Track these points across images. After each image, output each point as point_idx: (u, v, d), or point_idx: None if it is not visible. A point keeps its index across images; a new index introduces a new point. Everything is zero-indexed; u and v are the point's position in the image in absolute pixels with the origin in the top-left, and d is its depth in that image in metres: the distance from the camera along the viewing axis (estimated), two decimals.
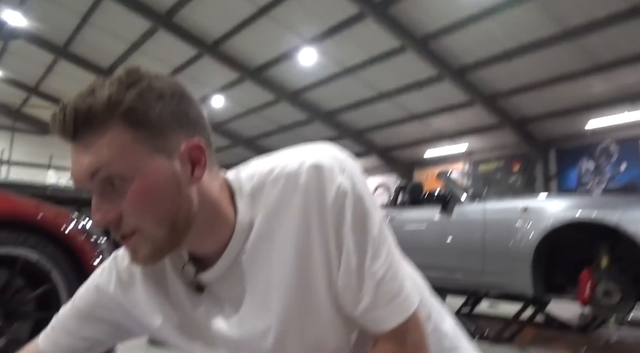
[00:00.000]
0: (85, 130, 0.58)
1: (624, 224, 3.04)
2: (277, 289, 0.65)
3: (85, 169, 0.58)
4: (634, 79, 9.57)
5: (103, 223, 0.59)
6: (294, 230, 0.64)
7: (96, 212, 0.59)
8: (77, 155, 0.59)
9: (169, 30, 11.22)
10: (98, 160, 0.57)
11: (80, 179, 0.59)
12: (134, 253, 0.63)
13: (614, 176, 11.31)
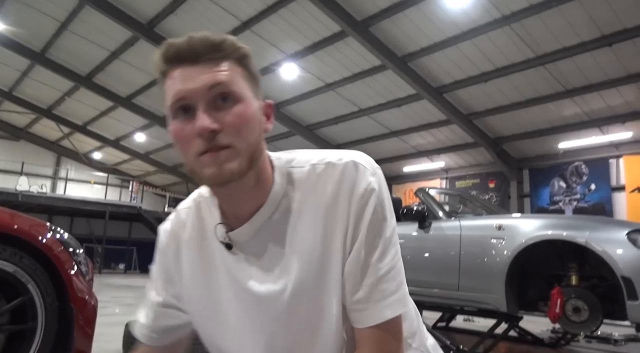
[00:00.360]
0: (210, 55, 0.68)
1: (592, 243, 3.16)
2: (298, 256, 0.73)
3: (207, 82, 0.67)
4: (602, 104, 9.99)
5: (207, 130, 0.66)
6: (322, 211, 0.73)
7: (203, 120, 0.66)
8: (195, 73, 0.68)
9: (150, 40, 11.17)
10: (220, 78, 0.68)
11: (196, 91, 0.67)
12: (220, 166, 0.67)
13: (584, 196, 11.68)
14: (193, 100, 0.68)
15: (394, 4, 8.77)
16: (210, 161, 0.67)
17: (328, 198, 0.73)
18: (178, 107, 0.69)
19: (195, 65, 0.68)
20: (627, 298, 2.94)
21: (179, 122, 0.69)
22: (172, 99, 0.69)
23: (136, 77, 13.48)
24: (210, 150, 0.67)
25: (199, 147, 0.67)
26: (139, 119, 16.16)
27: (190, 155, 0.69)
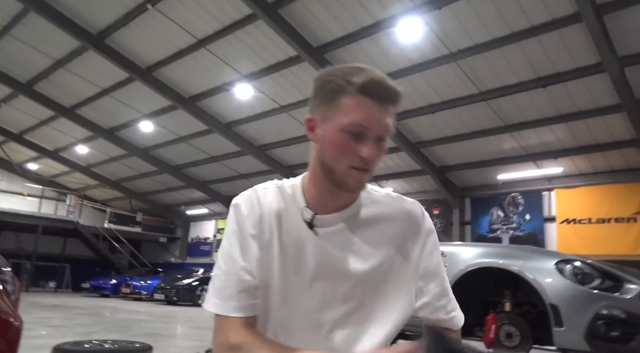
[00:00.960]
0: (393, 104, 0.90)
1: (525, 272, 3.36)
2: (377, 250, 0.96)
3: (384, 126, 0.89)
4: (537, 140, 10.73)
5: (371, 158, 0.88)
6: (403, 225, 1.00)
7: (370, 151, 0.88)
8: (379, 114, 0.88)
9: (99, 51, 10.83)
10: (390, 127, 0.90)
11: (374, 128, 0.88)
12: (359, 181, 0.91)
13: (520, 225, 12.35)
14: (368, 131, 0.88)
15: (349, 33, 9.07)
16: (356, 176, 0.90)
17: (402, 220, 1.00)
18: (356, 128, 0.88)
19: (381, 106, 0.88)
20: (554, 324, 3.13)
21: (348, 136, 0.88)
22: (355, 121, 0.87)
23: (82, 87, 12.97)
24: (360, 169, 0.89)
25: (354, 163, 0.89)
26: (82, 131, 15.47)
27: (343, 163, 0.89)
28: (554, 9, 7.58)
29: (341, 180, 0.90)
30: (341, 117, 0.88)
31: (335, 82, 0.89)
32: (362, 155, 0.87)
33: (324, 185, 0.94)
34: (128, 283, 14.85)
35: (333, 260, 0.94)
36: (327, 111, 0.90)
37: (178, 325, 7.64)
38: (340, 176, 0.90)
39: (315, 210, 0.96)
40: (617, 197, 10.76)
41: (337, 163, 0.89)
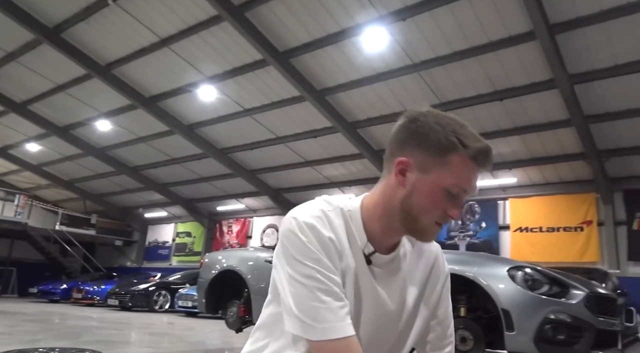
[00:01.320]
0: (486, 171, 0.95)
1: (479, 278, 3.47)
2: (410, 292, 1.01)
3: (475, 193, 0.92)
4: (494, 151, 11.04)
5: (456, 219, 0.98)
6: (428, 267, 1.05)
7: (459, 213, 0.92)
8: (477, 180, 0.92)
9: (54, 45, 10.40)
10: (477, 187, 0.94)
11: (470, 193, 0.92)
12: (436, 236, 0.97)
13: (476, 232, 12.76)
14: (465, 195, 0.91)
15: (315, 39, 9.13)
16: (437, 231, 0.94)
17: (430, 263, 1.06)
18: (457, 190, 0.90)
19: (480, 171, 0.92)
20: (506, 329, 3.25)
21: (446, 194, 0.90)
22: (460, 184, 0.90)
23: (35, 82, 12.40)
24: (441, 225, 0.93)
25: (441, 220, 0.92)
26: (34, 128, 14.77)
27: (430, 217, 0.91)
28: (511, 26, 7.93)
29: (422, 232, 0.93)
30: (447, 175, 0.88)
31: (446, 136, 0.89)
32: (451, 215, 0.90)
33: (393, 227, 0.95)
34: (80, 288, 14.24)
35: (377, 296, 0.96)
36: (430, 162, 0.89)
37: (132, 332, 7.39)
38: (422, 228, 0.92)
39: (374, 246, 0.96)
40: (566, 207, 11.31)
41: (425, 216, 0.90)
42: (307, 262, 0.86)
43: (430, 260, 1.06)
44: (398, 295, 0.99)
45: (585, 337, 3.24)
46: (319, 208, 0.93)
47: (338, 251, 0.90)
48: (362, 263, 0.94)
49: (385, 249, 0.97)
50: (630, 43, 7.67)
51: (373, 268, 0.95)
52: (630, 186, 10.69)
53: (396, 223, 0.93)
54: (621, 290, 8.09)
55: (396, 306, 0.98)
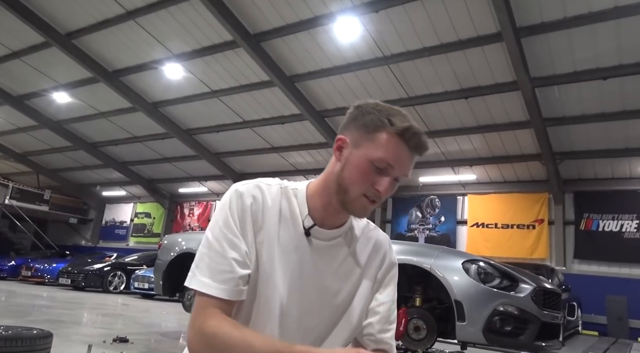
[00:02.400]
0: (418, 154, 0.98)
1: (435, 270, 3.58)
2: (352, 272, 1.05)
3: (407, 169, 0.98)
4: (456, 147, 11.43)
5: (386, 194, 0.97)
6: (375, 254, 1.10)
7: (387, 188, 0.97)
8: (407, 160, 0.97)
9: (10, 8, 9.79)
10: (410, 171, 0.99)
11: (399, 170, 0.96)
12: (367, 210, 0.99)
13: (435, 226, 13.12)
14: (391, 170, 0.96)
15: (287, 24, 9.02)
16: (365, 204, 0.98)
17: (379, 248, 1.11)
18: (383, 164, 0.95)
19: (410, 153, 0.97)
20: (457, 319, 3.38)
21: (372, 168, 0.95)
22: (385, 159, 0.94)
23: None
24: (371, 199, 0.97)
25: (368, 193, 0.96)
26: None
27: (357, 189, 0.96)
28: (480, 27, 8.11)
29: (350, 203, 0.97)
30: (373, 149, 0.95)
31: (378, 117, 0.96)
32: (378, 189, 0.95)
33: (331, 201, 1.00)
34: (29, 265, 13.65)
35: (315, 271, 1.00)
36: (361, 139, 0.97)
37: (84, 312, 7.19)
38: (350, 199, 0.97)
39: (315, 221, 1.01)
40: (521, 205, 11.79)
41: (353, 188, 0.96)
42: (220, 226, 0.96)
43: (378, 248, 1.11)
44: (337, 271, 1.03)
45: (530, 328, 3.41)
46: (257, 183, 1.03)
47: (258, 221, 0.98)
48: (301, 235, 1.00)
49: (329, 226, 1.02)
50: (589, 51, 8.00)
51: (312, 241, 1.01)
52: (581, 188, 11.26)
53: (334, 198, 0.99)
54: (565, 286, 8.55)
55: (335, 282, 1.02)
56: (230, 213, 0.97)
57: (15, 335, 2.50)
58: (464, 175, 12.24)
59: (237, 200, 0.98)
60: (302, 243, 1.00)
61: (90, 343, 3.57)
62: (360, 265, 1.06)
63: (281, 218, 1.00)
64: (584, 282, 10.29)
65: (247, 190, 1.00)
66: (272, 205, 1.00)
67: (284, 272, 0.97)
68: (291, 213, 1.01)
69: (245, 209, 0.98)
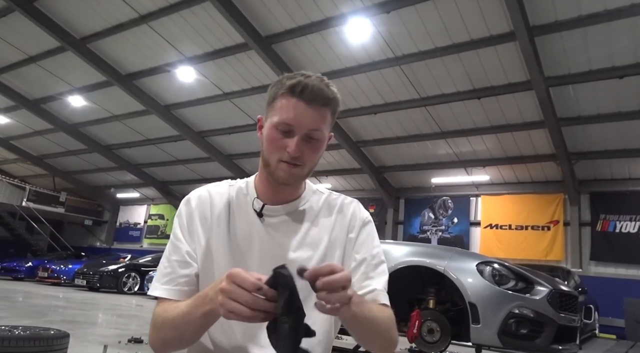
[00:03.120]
0: (320, 104, 0.97)
1: (449, 271, 3.55)
2: (317, 241, 1.05)
3: (311, 123, 0.96)
4: (469, 148, 11.34)
5: (296, 154, 0.95)
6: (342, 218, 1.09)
7: (296, 147, 0.95)
8: (305, 112, 0.95)
9: (26, 13, 9.97)
10: (319, 123, 0.97)
11: (301, 125, 0.95)
12: (290, 174, 0.98)
13: (448, 227, 13.01)
14: (295, 129, 0.96)
15: (298, 26, 9.04)
16: (285, 169, 0.98)
17: (345, 214, 1.09)
18: (283, 126, 0.96)
19: (309, 107, 0.95)
20: (472, 321, 3.34)
21: (278, 133, 0.97)
22: (283, 120, 0.95)
23: (5, 52, 11.89)
24: (289, 162, 0.97)
25: (283, 157, 0.97)
26: (2, 99, 14.22)
27: (274, 157, 0.98)
28: (493, 26, 8.03)
29: (273, 172, 1.00)
30: (274, 116, 0.97)
31: (276, 85, 0.99)
32: (288, 151, 0.96)
33: (268, 179, 1.03)
34: (46, 266, 13.87)
35: (277, 247, 1.02)
36: (268, 111, 1.01)
37: (100, 313, 7.28)
38: (272, 169, 0.99)
39: (265, 201, 1.05)
40: (535, 206, 11.64)
41: (270, 157, 0.99)
42: (171, 235, 1.06)
43: (343, 211, 1.10)
44: (303, 242, 1.03)
45: (546, 331, 3.36)
46: (205, 186, 1.11)
47: (207, 219, 1.05)
48: (253, 218, 1.04)
49: (281, 203, 1.05)
50: (604, 49, 7.88)
51: (266, 220, 1.04)
52: (597, 189, 11.07)
53: (266, 174, 1.03)
54: (582, 288, 8.42)
55: (303, 253, 1.02)
56: (178, 221, 1.06)
57: (33, 336, 2.54)
58: (477, 176, 12.13)
59: (184, 206, 1.07)
60: (256, 225, 1.03)
61: (105, 344, 3.61)
62: (326, 231, 1.06)
63: (231, 210, 1.06)
64: (601, 284, 10.12)
65: (193, 195, 1.08)
66: (219, 201, 1.07)
67: (240, 258, 1.01)
68: (242, 202, 1.06)
69: (191, 212, 1.05)
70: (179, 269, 1.01)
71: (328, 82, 1.00)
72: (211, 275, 1.01)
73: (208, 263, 1.02)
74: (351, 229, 1.08)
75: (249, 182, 1.10)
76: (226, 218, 1.05)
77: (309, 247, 1.04)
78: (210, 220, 1.05)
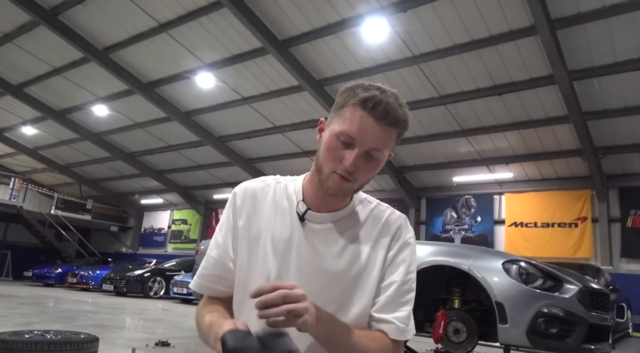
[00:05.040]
0: (388, 124, 0.94)
1: (474, 271, 3.49)
2: (356, 253, 1.01)
3: (375, 141, 0.93)
4: (491, 145, 11.16)
5: (352, 169, 0.93)
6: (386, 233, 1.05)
7: (354, 162, 0.93)
8: (372, 129, 0.93)
9: (52, 27, 10.27)
10: (383, 143, 0.94)
11: (363, 141, 0.93)
12: (339, 187, 0.96)
13: (471, 226, 12.82)
14: (357, 143, 0.93)
15: (315, 29, 9.06)
16: (336, 182, 0.95)
17: (388, 229, 1.05)
18: (345, 138, 0.93)
19: (377, 123, 0.93)
20: (499, 321, 3.28)
21: (339, 142, 0.95)
22: (347, 131, 0.93)
23: (31, 65, 12.27)
24: (342, 176, 0.95)
25: (337, 169, 0.95)
26: (30, 111, 14.66)
27: (328, 167, 0.96)
28: (512, 21, 7.90)
29: (324, 182, 0.97)
30: (339, 124, 0.95)
31: (348, 93, 0.97)
32: (343, 164, 0.93)
33: (317, 185, 1.01)
34: (75, 272, 14.24)
35: (315, 255, 1.00)
36: (333, 117, 0.98)
37: (127, 317, 7.42)
38: (324, 177, 0.97)
39: (309, 206, 1.03)
40: (561, 203, 11.37)
41: (325, 165, 0.96)
42: (219, 225, 1.09)
43: (388, 227, 1.06)
44: (342, 253, 1.01)
45: (577, 331, 3.27)
46: (252, 180, 1.11)
47: (251, 215, 1.04)
48: (296, 222, 1.02)
49: (326, 211, 1.03)
50: (630, 40, 7.65)
51: (308, 225, 1.02)
52: (626, 183, 10.75)
53: (316, 180, 1.00)
54: (613, 286, 8.17)
55: (339, 264, 1.00)
56: (226, 214, 1.08)
57: (64, 340, 2.61)
58: (500, 173, 11.92)
59: (232, 200, 1.08)
60: (297, 229, 1.01)
61: (133, 347, 3.67)
62: (368, 245, 1.03)
63: (277, 210, 1.04)
64: (634, 282, 9.81)
65: (239, 189, 1.09)
66: (265, 198, 1.06)
67: (277, 260, 1.00)
68: (288, 202, 1.04)
69: (236, 207, 1.06)
70: (212, 269, 1.06)
71: (402, 102, 0.97)
72: (245, 274, 1.03)
73: (253, 256, 1.02)
74: (392, 247, 1.04)
75: (297, 182, 1.08)
76: (272, 218, 1.04)
77: (348, 259, 1.01)
78: (254, 217, 1.05)
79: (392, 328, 0.98)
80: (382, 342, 0.96)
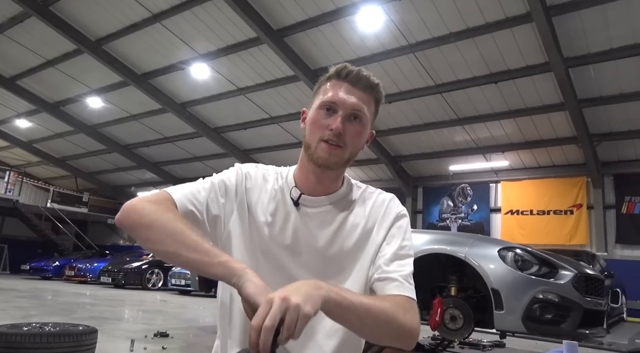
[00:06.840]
0: (364, 87, 1.01)
1: (470, 258, 3.51)
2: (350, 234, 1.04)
3: (355, 103, 0.99)
4: (487, 134, 11.17)
5: (337, 131, 0.97)
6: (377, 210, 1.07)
7: (339, 125, 0.97)
8: (350, 92, 0.99)
9: (43, 18, 10.14)
10: (362, 105, 1.00)
11: (345, 103, 0.99)
12: (330, 155, 0.98)
13: (468, 215, 12.88)
14: (339, 107, 0.99)
15: (309, 18, 8.99)
16: (326, 148, 0.98)
17: (378, 209, 1.07)
18: (327, 104, 0.99)
19: (353, 88, 1.00)
20: (495, 308, 3.31)
21: (322, 112, 1.00)
22: (326, 98, 0.99)
23: (24, 57, 12.14)
24: (329, 142, 0.98)
25: (325, 136, 0.98)
26: (24, 104, 14.54)
27: (315, 137, 0.99)
28: (508, 8, 7.86)
29: (314, 154, 0.99)
30: (319, 98, 1.02)
31: (323, 76, 1.05)
32: (330, 127, 0.97)
33: (308, 168, 1.04)
34: (72, 265, 14.23)
35: (310, 236, 1.03)
36: (313, 101, 1.05)
37: (125, 309, 7.45)
38: (312, 150, 1.00)
39: (302, 191, 1.06)
40: (557, 190, 11.43)
41: (312, 137, 1.00)
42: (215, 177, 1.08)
43: (379, 205, 1.08)
44: (337, 234, 1.04)
45: (572, 316, 3.31)
46: (257, 165, 1.13)
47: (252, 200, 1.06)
48: (291, 207, 1.05)
49: (319, 194, 1.06)
50: (625, 27, 7.64)
51: (302, 209, 1.05)
52: (621, 170, 10.81)
53: (308, 162, 1.03)
54: (608, 272, 8.25)
55: (336, 243, 1.03)
56: (229, 175, 1.08)
57: (63, 332, 2.61)
58: (496, 161, 11.95)
59: (238, 170, 1.10)
60: (293, 214, 1.04)
61: (132, 338, 3.69)
62: (360, 223, 1.06)
63: (275, 197, 1.07)
64: (628, 268, 9.91)
65: (247, 167, 1.11)
66: (264, 185, 1.08)
67: (278, 240, 1.02)
68: (282, 190, 1.07)
69: (242, 178, 1.08)
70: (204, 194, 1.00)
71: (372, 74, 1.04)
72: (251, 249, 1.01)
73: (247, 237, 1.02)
74: (384, 222, 1.06)
75: (290, 171, 1.12)
76: (270, 205, 1.05)
77: (342, 239, 1.04)
78: (254, 203, 1.05)
79: (396, 284, 0.97)
80: (393, 299, 0.94)
